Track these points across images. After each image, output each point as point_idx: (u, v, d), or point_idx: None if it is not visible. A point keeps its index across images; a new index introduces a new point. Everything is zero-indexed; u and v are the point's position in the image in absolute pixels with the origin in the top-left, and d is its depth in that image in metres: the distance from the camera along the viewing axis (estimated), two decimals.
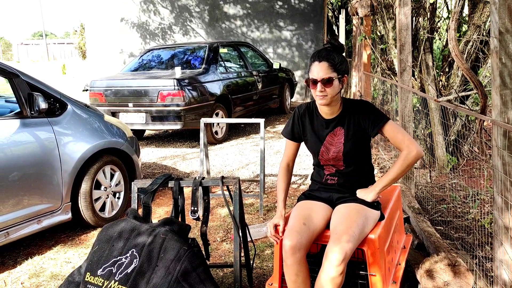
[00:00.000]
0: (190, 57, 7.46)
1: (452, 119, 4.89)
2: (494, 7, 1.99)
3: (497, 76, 2.00)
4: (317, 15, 11.72)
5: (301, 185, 4.80)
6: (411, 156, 2.12)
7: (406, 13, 3.96)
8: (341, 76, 2.14)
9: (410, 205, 3.71)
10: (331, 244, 1.96)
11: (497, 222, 2.16)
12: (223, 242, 3.46)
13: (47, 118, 3.39)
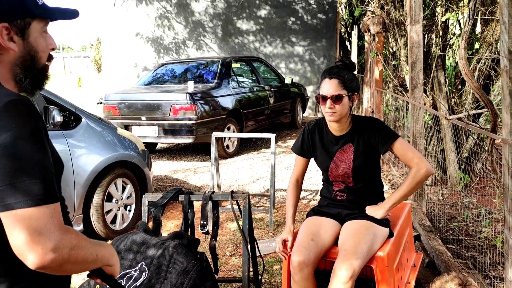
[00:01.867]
0: (203, 72, 7.55)
1: (464, 136, 4.86)
2: (503, 26, 2.00)
3: (507, 95, 2.01)
4: (330, 31, 11.80)
5: (311, 201, 4.79)
6: (421, 173, 2.11)
7: (417, 31, 3.98)
8: (351, 93, 2.16)
9: (421, 223, 3.68)
10: (339, 260, 1.96)
11: (508, 241, 2.14)
12: (232, 257, 3.46)
13: (62, 131, 3.46)
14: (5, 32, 1.03)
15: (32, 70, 1.09)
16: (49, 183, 0.94)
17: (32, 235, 0.89)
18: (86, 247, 1.00)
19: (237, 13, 12.07)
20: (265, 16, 12.02)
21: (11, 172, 0.90)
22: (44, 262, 0.91)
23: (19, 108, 0.94)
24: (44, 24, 1.11)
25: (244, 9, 12.02)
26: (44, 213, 0.91)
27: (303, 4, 11.83)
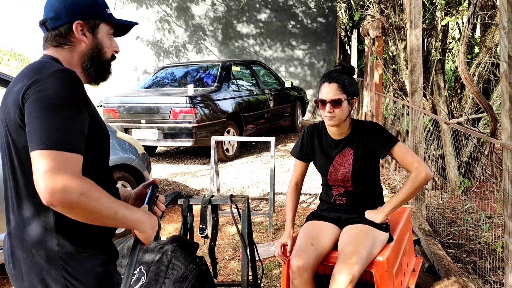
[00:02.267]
0: (203, 75, 7.56)
1: (464, 140, 4.86)
2: (503, 31, 2.00)
3: (507, 100, 2.01)
4: (330, 34, 11.82)
5: (310, 204, 4.78)
6: (420, 178, 2.11)
7: (417, 35, 3.99)
8: (350, 98, 2.16)
9: (420, 227, 3.67)
10: (338, 265, 1.96)
11: (508, 246, 2.13)
12: (231, 261, 3.45)
13: None
14: (80, 28, 1.29)
15: (97, 61, 1.34)
16: (71, 136, 1.11)
17: (47, 172, 1.06)
18: (101, 200, 1.12)
19: (237, 16, 12.10)
20: (265, 20, 12.04)
21: (44, 121, 1.10)
22: (53, 200, 1.06)
23: (60, 76, 1.16)
24: (109, 28, 1.36)
25: (244, 13, 12.05)
26: (60, 157, 1.08)
27: (303, 8, 11.86)
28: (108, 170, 1.36)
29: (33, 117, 1.11)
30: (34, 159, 1.08)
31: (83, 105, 1.17)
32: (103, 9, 1.33)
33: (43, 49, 1.32)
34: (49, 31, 1.30)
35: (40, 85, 1.13)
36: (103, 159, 1.32)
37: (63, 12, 1.27)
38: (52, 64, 1.22)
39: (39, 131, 1.09)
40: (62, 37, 1.29)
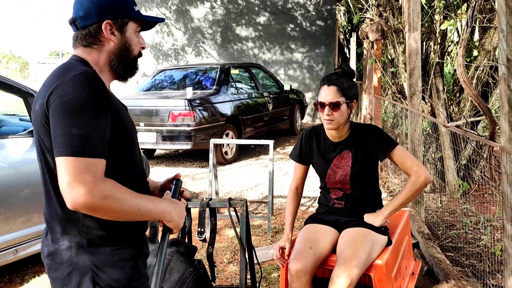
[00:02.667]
0: (201, 78, 7.56)
1: (462, 143, 4.86)
2: (501, 34, 2.00)
3: (506, 103, 2.00)
4: (329, 37, 11.83)
5: (309, 207, 4.77)
6: (420, 181, 2.11)
7: (415, 38, 3.99)
8: (349, 101, 2.16)
9: (419, 230, 3.66)
10: (337, 268, 1.95)
11: (507, 250, 2.12)
12: (230, 264, 3.44)
13: None
14: (109, 27, 1.31)
15: (125, 59, 1.36)
16: (92, 141, 1.14)
17: (69, 180, 1.11)
18: (124, 199, 1.16)
19: (236, 19, 12.11)
20: (264, 23, 12.05)
21: (65, 127, 1.13)
22: (76, 204, 1.11)
23: (82, 79, 1.19)
24: (137, 26, 1.39)
25: (243, 16, 12.06)
26: (81, 163, 1.12)
27: (302, 11, 11.88)
28: (135, 167, 1.38)
29: (56, 123, 1.15)
30: (58, 165, 1.14)
31: (104, 107, 1.20)
32: (131, 7, 1.36)
33: (73, 47, 1.35)
34: (78, 30, 1.33)
35: (61, 90, 1.17)
36: (128, 158, 1.34)
37: (92, 11, 1.30)
38: (75, 67, 1.25)
39: (61, 137, 1.13)
40: (91, 36, 1.32)
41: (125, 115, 1.34)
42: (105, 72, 1.35)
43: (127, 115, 1.38)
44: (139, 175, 1.41)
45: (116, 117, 1.25)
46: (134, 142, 1.37)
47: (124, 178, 1.26)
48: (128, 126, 1.34)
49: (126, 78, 1.42)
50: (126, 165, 1.33)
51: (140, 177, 1.42)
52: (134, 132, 1.38)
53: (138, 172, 1.40)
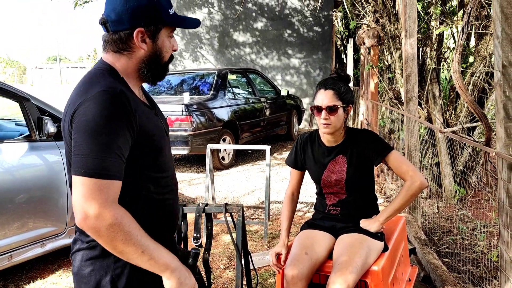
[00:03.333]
0: (199, 83, 7.56)
1: (459, 149, 4.87)
2: (497, 40, 2.01)
3: (501, 109, 2.01)
4: (326, 43, 11.87)
5: (306, 213, 4.77)
6: (415, 186, 2.11)
7: (412, 44, 4.01)
8: (345, 105, 2.16)
9: (416, 236, 3.66)
10: (333, 275, 1.94)
11: (503, 256, 2.12)
12: (226, 270, 3.43)
13: (56, 141, 3.44)
14: (140, 35, 1.27)
15: (155, 66, 1.33)
16: (107, 162, 1.14)
17: (81, 199, 1.12)
18: (130, 235, 1.14)
19: (234, 25, 12.15)
20: (262, 29, 12.09)
21: (82, 146, 1.14)
22: (84, 225, 1.12)
23: (103, 98, 1.17)
24: (171, 30, 1.33)
25: (241, 21, 12.10)
26: (94, 184, 1.12)
27: (299, 17, 11.93)
28: (164, 173, 1.36)
29: (75, 142, 1.16)
30: (73, 183, 1.14)
31: (123, 127, 1.18)
32: (166, 11, 1.29)
33: (103, 51, 1.33)
34: (109, 34, 1.29)
35: (84, 108, 1.17)
36: (156, 166, 1.32)
37: (125, 16, 1.25)
38: (100, 82, 1.22)
39: (78, 157, 1.14)
40: (122, 42, 1.28)
41: (154, 127, 1.32)
42: (133, 78, 1.33)
43: (157, 124, 1.35)
44: (170, 179, 1.40)
45: (142, 134, 1.24)
46: (163, 151, 1.35)
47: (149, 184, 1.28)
48: (156, 139, 1.31)
49: (155, 83, 1.39)
50: (153, 173, 1.31)
51: (170, 181, 1.40)
52: (162, 140, 1.35)
53: (167, 176, 1.38)
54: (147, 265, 1.20)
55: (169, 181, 1.40)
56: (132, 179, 1.25)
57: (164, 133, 1.39)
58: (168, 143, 1.42)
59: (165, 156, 1.37)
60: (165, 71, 1.37)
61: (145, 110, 1.31)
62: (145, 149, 1.27)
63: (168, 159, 1.40)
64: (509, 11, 1.93)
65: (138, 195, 1.29)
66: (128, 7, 1.24)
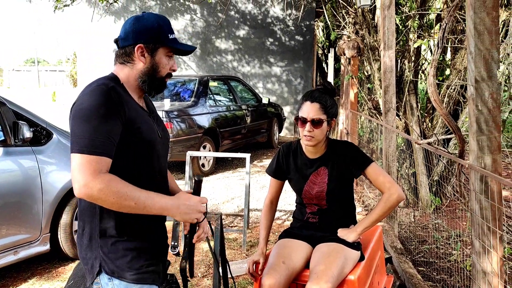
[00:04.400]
0: (180, 90, 7.54)
1: (435, 160, 4.97)
2: (470, 56, 2.08)
3: (474, 122, 2.07)
4: (307, 52, 12.00)
5: (285, 221, 4.78)
6: (392, 199, 2.14)
7: (390, 56, 4.09)
8: (330, 119, 2.18)
9: (392, 245, 3.71)
10: (310, 284, 1.95)
11: (475, 266, 2.17)
12: (204, 278, 3.41)
13: (31, 147, 3.38)
14: (140, 50, 1.54)
15: (152, 79, 1.57)
16: (95, 141, 1.36)
17: (74, 172, 1.36)
18: (119, 193, 1.35)
19: (216, 32, 12.18)
20: (244, 36, 12.15)
21: (77, 129, 1.38)
22: (79, 193, 1.35)
23: (97, 91, 1.42)
24: (169, 50, 1.58)
25: (223, 29, 12.13)
26: (84, 159, 1.35)
27: (281, 26, 12.03)
28: (153, 167, 1.57)
29: (71, 126, 1.41)
30: (71, 161, 1.38)
31: (113, 114, 1.41)
32: (165, 35, 1.55)
33: (114, 64, 1.60)
34: (119, 49, 1.57)
35: (81, 99, 1.43)
36: (144, 164, 1.53)
37: (130, 35, 1.54)
38: (99, 81, 1.48)
39: (73, 138, 1.38)
40: (126, 55, 1.55)
41: (143, 122, 1.53)
42: (133, 86, 1.56)
43: (148, 122, 1.56)
44: (158, 175, 1.60)
45: (129, 124, 1.46)
46: (153, 146, 1.56)
47: (140, 184, 1.45)
48: (144, 132, 1.52)
49: (152, 94, 1.61)
50: (143, 172, 1.53)
51: (159, 177, 1.61)
52: (153, 136, 1.56)
53: (157, 172, 1.59)
54: (145, 212, 1.41)
55: (158, 178, 1.60)
56: (123, 167, 1.46)
57: (156, 133, 1.60)
58: (164, 145, 1.65)
59: (157, 153, 1.58)
60: (161, 85, 1.60)
61: (138, 110, 1.54)
62: (134, 139, 1.48)
63: (161, 159, 1.61)
64: (482, 28, 2.00)
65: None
66: (134, 28, 1.54)
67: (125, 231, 1.51)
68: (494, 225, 2.05)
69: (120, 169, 1.45)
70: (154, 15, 1.58)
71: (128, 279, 1.50)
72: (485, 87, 2.03)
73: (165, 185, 1.68)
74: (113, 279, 1.49)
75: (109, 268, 1.48)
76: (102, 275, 1.50)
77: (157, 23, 1.55)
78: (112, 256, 1.49)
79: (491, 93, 2.03)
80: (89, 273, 1.54)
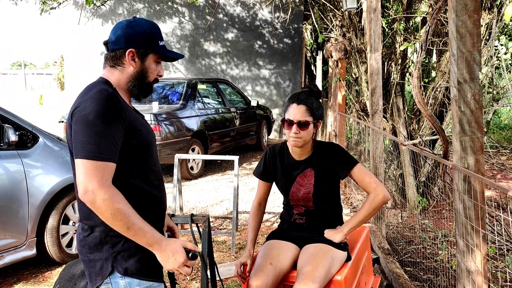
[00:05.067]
0: (168, 92, 7.52)
1: (422, 161, 5.03)
2: (453, 58, 2.11)
3: (457, 123, 2.10)
4: (296, 55, 12.05)
5: (273, 223, 4.79)
6: (378, 199, 2.16)
7: (376, 59, 4.13)
8: (316, 121, 2.20)
9: (380, 246, 3.74)
10: (297, 285, 1.96)
11: (459, 265, 2.20)
12: (192, 281, 3.40)
13: (17, 150, 3.35)
14: (131, 55, 1.57)
15: (140, 83, 1.61)
16: (101, 147, 1.40)
17: (81, 177, 1.38)
18: (119, 212, 1.37)
19: (205, 35, 12.17)
20: (232, 39, 12.17)
21: (81, 135, 1.41)
22: (84, 198, 1.37)
23: (98, 96, 1.45)
24: (158, 57, 1.62)
25: (212, 32, 12.14)
26: (91, 165, 1.38)
27: (269, 29, 12.07)
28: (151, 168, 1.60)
29: (75, 132, 1.43)
30: (76, 166, 1.41)
31: (116, 119, 1.44)
32: (155, 41, 1.60)
33: (103, 66, 1.63)
34: (108, 51, 1.60)
35: (83, 105, 1.45)
36: (146, 166, 1.57)
37: (122, 39, 1.57)
38: (96, 87, 1.51)
39: (78, 144, 1.41)
40: (116, 58, 1.58)
41: (141, 125, 1.57)
42: (123, 91, 1.60)
43: (144, 124, 1.61)
44: (158, 175, 1.64)
45: (131, 128, 1.50)
46: (151, 147, 1.61)
47: (143, 178, 1.53)
48: (144, 134, 1.57)
49: (140, 98, 1.65)
50: (143, 166, 1.57)
51: (158, 177, 1.64)
52: (150, 138, 1.61)
53: (155, 172, 1.63)
54: (134, 239, 1.42)
55: (158, 176, 1.64)
56: (125, 169, 1.50)
57: (152, 134, 1.65)
58: (155, 147, 1.67)
59: (153, 154, 1.63)
60: (149, 90, 1.65)
61: (133, 113, 1.58)
62: (134, 141, 1.52)
63: (156, 159, 1.65)
64: (464, 31, 2.04)
65: (130, 185, 1.52)
66: (126, 33, 1.57)
67: None
68: (478, 224, 2.08)
69: (123, 172, 1.49)
70: (146, 21, 1.62)
71: (140, 276, 1.52)
72: (467, 89, 2.07)
73: (163, 185, 1.70)
74: (125, 277, 1.51)
75: (122, 267, 1.50)
76: (113, 275, 1.51)
77: (149, 29, 1.60)
78: (125, 255, 1.51)
79: (473, 95, 2.06)
80: (96, 276, 1.53)
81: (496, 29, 4.11)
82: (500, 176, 6.57)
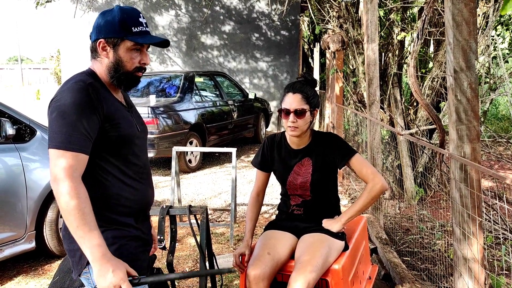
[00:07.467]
0: (165, 86, 7.50)
1: (419, 151, 5.04)
2: (449, 47, 2.11)
3: (453, 112, 2.11)
4: (293, 47, 12.01)
5: (272, 215, 4.81)
6: (376, 189, 2.17)
7: (373, 49, 4.12)
8: (312, 109, 2.21)
9: (378, 236, 3.76)
10: (294, 274, 1.98)
11: (456, 253, 2.22)
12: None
13: (15, 144, 3.34)
14: (101, 45, 1.55)
15: (118, 73, 1.56)
16: (72, 138, 1.40)
17: (52, 166, 1.39)
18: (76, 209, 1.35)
19: (201, 28, 12.12)
20: (229, 32, 12.12)
21: (54, 125, 1.42)
22: (52, 185, 1.38)
23: (74, 88, 1.45)
24: (133, 44, 1.56)
25: (209, 24, 12.09)
26: (61, 155, 1.38)
27: (266, 21, 12.02)
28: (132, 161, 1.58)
29: (49, 122, 1.45)
30: (49, 155, 1.41)
31: (90, 111, 1.43)
32: (128, 28, 1.54)
33: (90, 59, 1.63)
34: (90, 45, 1.61)
35: (58, 96, 1.45)
36: (125, 159, 1.56)
37: (94, 31, 1.57)
38: (77, 77, 1.51)
39: (50, 133, 1.41)
40: (94, 51, 1.59)
41: (122, 117, 1.55)
42: (108, 82, 1.58)
43: (126, 117, 1.58)
44: (140, 169, 1.63)
45: (108, 120, 1.49)
46: (131, 141, 1.58)
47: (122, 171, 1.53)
48: (122, 127, 1.54)
49: (120, 87, 1.62)
50: (124, 161, 1.56)
51: (141, 171, 1.63)
52: (132, 131, 1.58)
53: (137, 165, 1.61)
54: (79, 242, 1.37)
55: (140, 170, 1.62)
56: (101, 161, 1.50)
57: (135, 127, 1.62)
58: (143, 139, 1.67)
59: (135, 147, 1.60)
60: (130, 80, 1.60)
61: (117, 105, 1.56)
62: (112, 133, 1.50)
63: (141, 152, 1.64)
64: (460, 19, 2.03)
65: (105, 178, 1.52)
66: (97, 23, 1.56)
67: (113, 221, 1.55)
68: (474, 212, 2.09)
69: (101, 165, 1.49)
70: (119, 8, 1.56)
71: None
72: (463, 77, 2.07)
73: (148, 179, 1.68)
74: None
75: None
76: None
77: (120, 16, 1.54)
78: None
79: (469, 83, 2.07)
80: (77, 265, 1.53)
81: (493, 18, 4.10)
82: (497, 166, 6.60)
